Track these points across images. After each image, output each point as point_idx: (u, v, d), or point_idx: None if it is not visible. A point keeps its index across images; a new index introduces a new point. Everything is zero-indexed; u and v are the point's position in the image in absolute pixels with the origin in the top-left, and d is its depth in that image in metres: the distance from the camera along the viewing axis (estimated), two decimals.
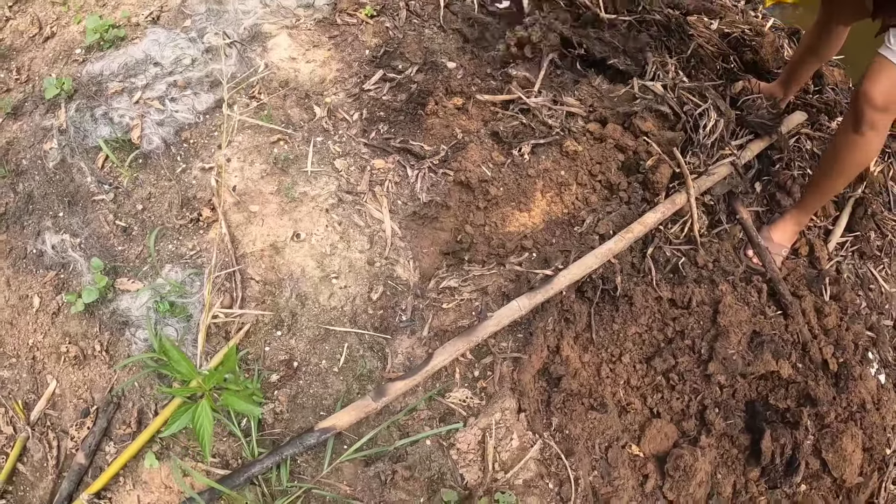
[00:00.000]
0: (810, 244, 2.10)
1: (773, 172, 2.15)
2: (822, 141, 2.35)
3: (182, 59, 2.02)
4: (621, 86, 1.97)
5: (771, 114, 1.98)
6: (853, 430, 1.85)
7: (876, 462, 1.77)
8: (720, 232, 1.93)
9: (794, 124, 2.12)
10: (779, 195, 2.14)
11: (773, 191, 2.16)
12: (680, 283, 1.81)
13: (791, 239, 2.05)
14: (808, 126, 2.30)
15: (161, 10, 2.21)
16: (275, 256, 1.77)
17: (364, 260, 1.75)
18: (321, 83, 1.93)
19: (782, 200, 2.13)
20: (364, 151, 1.83)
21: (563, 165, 1.82)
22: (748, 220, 1.90)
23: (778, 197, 2.14)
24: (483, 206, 1.78)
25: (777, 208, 2.15)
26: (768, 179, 2.15)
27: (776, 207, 2.14)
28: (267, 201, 1.80)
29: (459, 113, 1.85)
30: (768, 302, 1.92)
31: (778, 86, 2.29)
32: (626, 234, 1.69)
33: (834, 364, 1.92)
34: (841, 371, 1.91)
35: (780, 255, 2.01)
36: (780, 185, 2.16)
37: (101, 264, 1.85)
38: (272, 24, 2.01)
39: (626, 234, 1.69)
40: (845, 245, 2.27)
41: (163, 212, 1.89)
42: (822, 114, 2.36)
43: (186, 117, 1.93)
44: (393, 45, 1.96)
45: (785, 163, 2.16)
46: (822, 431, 1.79)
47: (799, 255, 2.10)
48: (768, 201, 2.14)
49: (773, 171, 2.16)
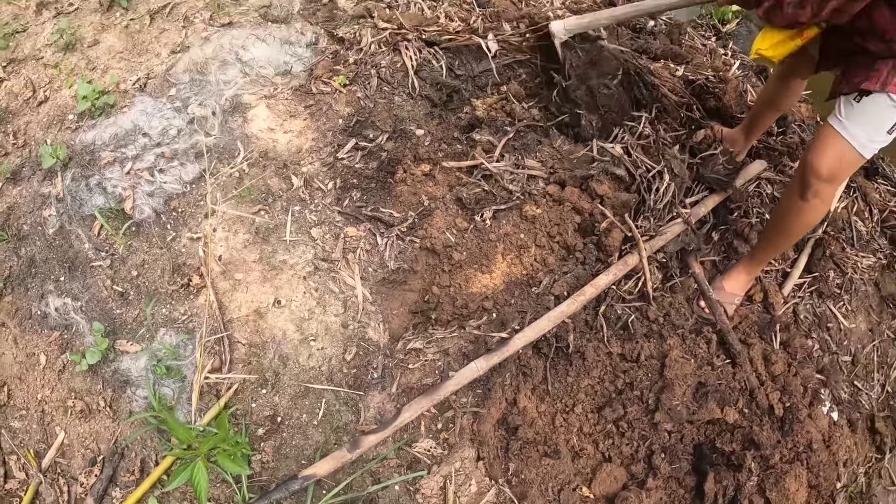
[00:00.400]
0: (764, 290, 2.45)
1: (731, 221, 2.48)
2: (782, 185, 2.69)
3: (168, 129, 2.41)
4: (581, 146, 2.31)
5: (727, 169, 2.33)
6: (798, 470, 2.23)
7: (823, 497, 2.16)
8: (674, 285, 2.29)
9: (752, 175, 2.47)
10: (736, 242, 2.51)
11: (731, 239, 2.51)
12: (630, 339, 2.19)
13: (743, 288, 2.40)
14: (771, 169, 2.62)
15: (147, 76, 2.60)
16: (259, 321, 2.16)
17: (339, 323, 2.14)
18: (298, 153, 2.31)
19: (740, 248, 2.50)
20: (338, 219, 2.22)
21: (523, 229, 2.20)
22: (700, 275, 2.26)
23: (735, 244, 2.51)
24: (448, 269, 2.17)
25: (735, 255, 2.51)
26: (726, 228, 2.48)
27: (734, 255, 2.49)
28: (250, 269, 2.19)
29: (426, 179, 2.23)
30: (717, 351, 2.30)
31: (740, 132, 2.63)
32: (578, 297, 2.07)
33: (780, 408, 2.30)
34: (786, 415, 2.29)
35: (733, 304, 2.37)
36: (737, 232, 2.52)
37: (101, 328, 2.30)
38: (252, 95, 2.39)
39: (578, 297, 2.07)
40: (803, 286, 2.59)
41: (156, 278, 2.30)
42: (785, 156, 2.69)
43: (174, 188, 2.33)
44: (364, 114, 2.33)
45: (743, 211, 2.49)
46: (767, 472, 2.17)
47: (753, 302, 2.45)
48: (726, 249, 2.49)
49: (731, 219, 2.48)
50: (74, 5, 3.18)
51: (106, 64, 2.92)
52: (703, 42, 3.17)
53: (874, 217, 3.05)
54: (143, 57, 2.87)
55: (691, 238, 2.33)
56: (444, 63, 2.55)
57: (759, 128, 2.68)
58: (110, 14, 3.10)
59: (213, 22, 2.85)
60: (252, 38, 2.69)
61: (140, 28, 2.99)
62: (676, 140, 2.60)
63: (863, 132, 1.83)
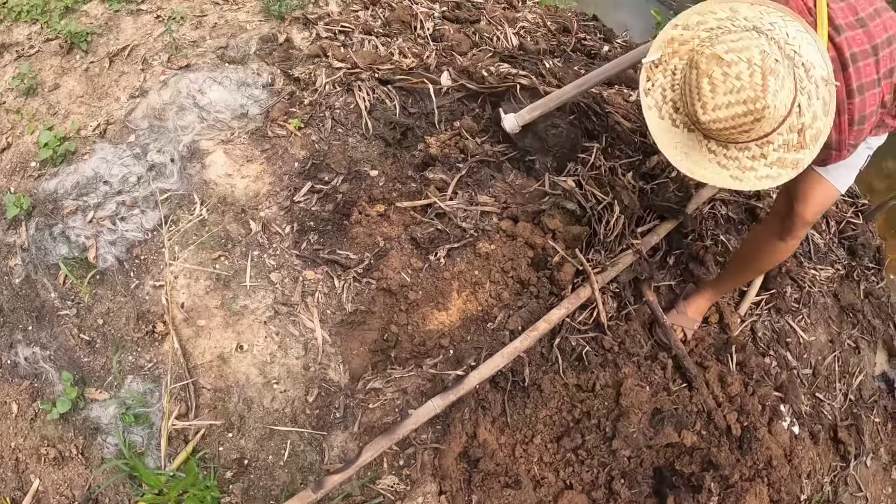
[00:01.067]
0: (720, 311, 2.53)
1: (686, 245, 2.57)
2: (737, 205, 2.77)
3: (128, 177, 2.48)
4: (534, 181, 2.39)
5: (678, 196, 2.40)
6: (758, 487, 2.33)
7: None
8: (628, 313, 2.37)
9: (703, 200, 2.54)
10: (692, 266, 2.59)
11: (687, 262, 2.58)
12: (585, 370, 2.27)
13: (703, 312, 2.48)
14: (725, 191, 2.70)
15: (107, 122, 2.67)
16: (223, 366, 2.25)
17: (300, 366, 2.23)
18: (255, 197, 2.38)
19: (695, 270, 2.58)
20: (296, 263, 2.29)
21: (477, 265, 2.28)
22: (654, 302, 2.35)
23: (692, 268, 2.59)
24: (405, 308, 2.25)
25: (691, 278, 2.58)
26: (681, 252, 2.57)
27: (689, 278, 2.57)
28: (212, 315, 2.27)
29: (382, 220, 2.31)
30: (674, 376, 2.39)
31: None
32: (531, 333, 2.16)
33: (737, 429, 2.39)
34: (744, 434, 2.39)
35: (692, 329, 2.44)
36: (692, 256, 2.60)
37: (70, 377, 2.37)
38: (209, 140, 2.46)
39: (531, 333, 2.16)
40: (760, 304, 2.69)
41: (121, 325, 2.37)
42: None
43: (136, 235, 2.40)
44: (319, 157, 2.41)
45: (697, 234, 2.58)
46: (728, 491, 2.26)
47: (709, 323, 2.54)
48: (682, 273, 2.57)
49: (686, 243, 2.57)
50: (35, 48, 3.24)
51: (67, 109, 2.98)
52: None
53: (831, 229, 3.15)
54: (103, 101, 2.93)
55: (643, 267, 2.41)
56: (397, 102, 2.63)
57: None
58: (70, 57, 3.15)
59: (171, 65, 2.91)
60: (209, 80, 2.75)
61: (100, 71, 3.05)
62: (630, 166, 2.68)
63: (844, 172, 1.94)
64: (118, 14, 3.28)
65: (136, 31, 3.18)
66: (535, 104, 2.45)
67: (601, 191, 2.46)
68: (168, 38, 3.05)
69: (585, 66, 3.01)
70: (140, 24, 3.23)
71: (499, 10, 3.16)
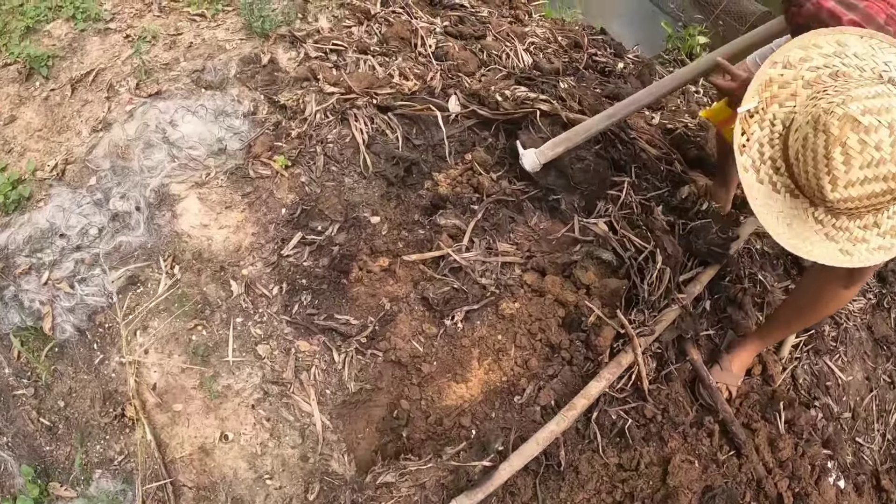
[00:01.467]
0: (763, 361, 1.99)
1: (724, 287, 1.99)
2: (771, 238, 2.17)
3: (88, 228, 1.87)
4: (560, 224, 1.79)
5: (721, 238, 1.81)
6: None
7: None
8: (668, 374, 1.80)
9: (745, 238, 1.95)
10: (730, 310, 2.07)
11: (725, 306, 2.02)
12: (627, 447, 1.71)
13: (748, 366, 1.96)
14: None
15: (66, 160, 2.06)
16: (205, 459, 1.66)
17: (297, 456, 1.63)
18: (236, 252, 1.78)
19: (734, 315, 2.05)
20: (287, 332, 1.70)
21: (500, 329, 1.71)
22: (699, 362, 1.84)
23: (730, 312, 2.01)
24: (417, 381, 1.69)
25: (730, 324, 2.02)
26: (719, 296, 1.99)
27: (728, 324, 2.00)
28: (190, 398, 1.68)
29: (386, 276, 1.73)
30: (721, 442, 1.84)
31: (718, 188, 2.15)
32: (568, 412, 1.65)
33: (789, 497, 1.91)
34: (796, 502, 1.79)
35: (736, 385, 1.91)
36: (731, 299, 2.07)
37: (30, 471, 1.96)
38: (180, 183, 1.87)
39: (568, 412, 1.65)
40: (800, 346, 2.12)
41: (86, 408, 1.80)
42: None
43: (97, 300, 1.81)
44: (311, 202, 1.81)
45: (735, 275, 2.00)
46: None
47: (752, 375, 1.99)
48: (720, 320, 2.00)
49: (724, 285, 1.99)
50: None
51: (23, 145, 2.32)
52: None
53: None
54: (63, 136, 2.28)
55: (688, 323, 1.82)
56: (399, 132, 2.02)
57: (733, 180, 2.18)
58: (29, 84, 2.48)
59: (139, 91, 2.26)
60: (182, 110, 2.11)
61: (61, 100, 2.38)
62: (659, 199, 2.10)
63: None
64: (84, 34, 2.61)
65: (103, 54, 2.51)
66: (559, 139, 1.86)
67: (636, 233, 1.88)
68: (137, 60, 2.35)
69: (600, 84, 2.41)
70: (108, 44, 2.56)
71: (505, 24, 2.54)
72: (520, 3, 2.87)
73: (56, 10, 2.79)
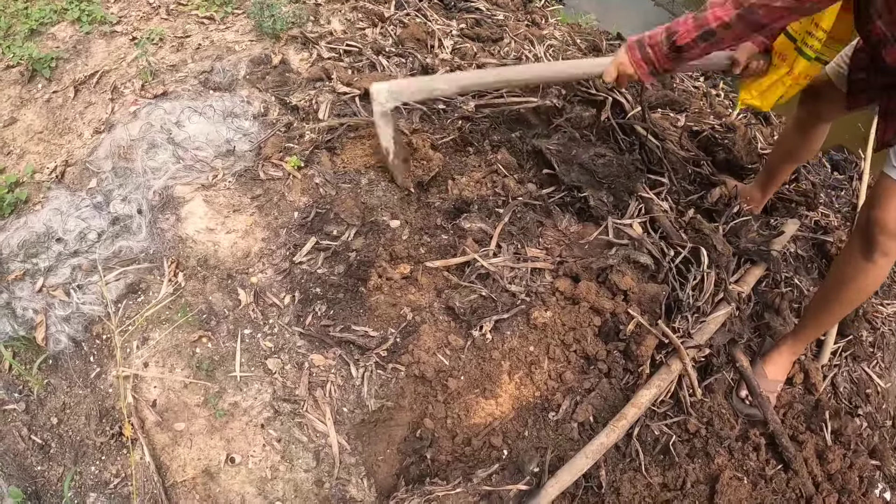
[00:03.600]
0: (804, 369, 1.77)
1: (760, 293, 1.77)
2: (805, 241, 1.97)
3: (87, 233, 1.64)
4: (592, 226, 1.56)
5: (762, 235, 1.59)
6: None
7: None
8: (709, 384, 1.55)
9: (787, 238, 1.74)
10: (768, 317, 1.84)
11: (762, 312, 1.78)
12: (672, 465, 1.46)
13: (786, 371, 1.74)
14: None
15: (67, 163, 1.83)
16: (209, 483, 1.40)
17: (311, 481, 1.39)
18: (245, 258, 1.54)
19: (772, 322, 1.80)
20: (300, 344, 1.46)
21: (532, 340, 1.48)
22: (748, 369, 1.63)
23: (767, 318, 1.81)
24: (443, 398, 1.42)
25: (767, 331, 1.78)
26: (756, 301, 1.77)
27: (766, 331, 1.78)
28: (193, 416, 1.43)
29: (408, 285, 1.50)
30: (768, 455, 1.60)
31: (755, 188, 1.95)
32: (618, 423, 1.45)
33: None
34: None
35: (775, 392, 1.68)
36: (768, 305, 1.83)
37: (19, 493, 1.59)
38: (186, 185, 1.64)
39: (618, 423, 1.45)
40: (839, 352, 1.91)
41: (80, 426, 1.54)
42: (801, 206, 1.97)
43: (94, 309, 1.57)
44: (325, 204, 1.58)
45: (772, 279, 1.77)
46: None
47: (793, 384, 1.77)
48: (757, 326, 1.77)
49: (760, 290, 1.77)
50: None
51: (23, 147, 2.09)
52: (693, 84, 2.43)
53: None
54: (64, 138, 2.05)
55: (738, 326, 1.59)
56: None
57: (777, 182, 2.00)
58: (31, 86, 2.25)
59: (144, 92, 2.04)
60: (188, 111, 1.89)
61: (63, 102, 2.15)
62: (689, 203, 1.87)
63: None
64: (89, 37, 2.39)
65: (108, 56, 2.29)
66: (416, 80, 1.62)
67: (676, 236, 1.62)
68: (143, 61, 2.13)
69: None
70: (113, 47, 2.33)
71: (522, 27, 2.32)
72: (535, 8, 2.68)
73: (61, 13, 2.58)
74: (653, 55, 1.43)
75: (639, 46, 1.45)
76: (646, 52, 1.44)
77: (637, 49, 1.45)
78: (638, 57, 1.44)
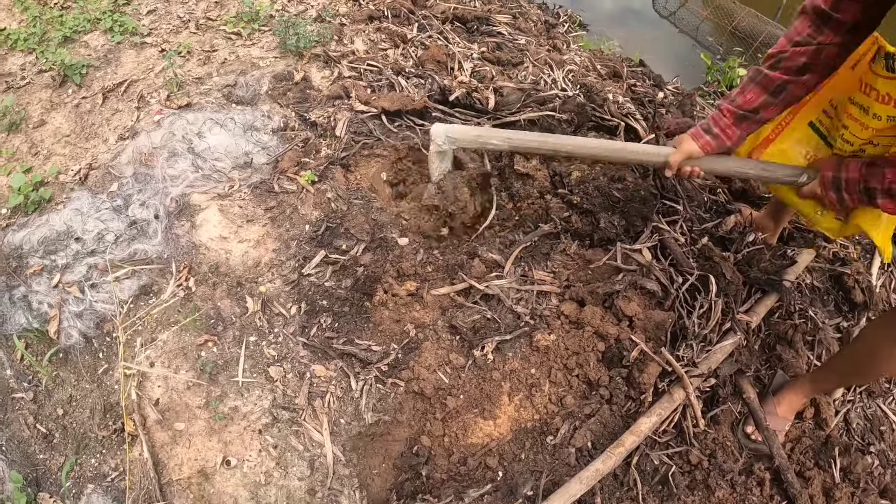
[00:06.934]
0: (815, 404, 1.81)
1: (772, 323, 1.81)
2: (822, 273, 2.01)
3: (104, 234, 1.75)
4: (601, 251, 1.63)
5: (774, 265, 1.63)
6: None
7: None
8: (715, 415, 1.59)
9: (801, 269, 1.78)
10: (780, 348, 1.85)
11: (774, 343, 1.82)
12: (670, 496, 1.50)
13: (797, 411, 1.72)
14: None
15: (90, 166, 1.96)
16: (204, 484, 1.47)
17: (304, 489, 1.45)
18: (255, 267, 1.63)
19: (784, 354, 1.83)
20: (303, 354, 1.54)
21: (534, 362, 1.53)
22: (755, 402, 1.65)
23: (779, 350, 1.83)
24: (441, 416, 1.47)
25: (779, 363, 1.83)
26: (767, 332, 1.81)
27: (777, 363, 1.81)
28: (194, 417, 1.50)
29: (413, 302, 1.57)
30: (772, 491, 1.65)
31: (767, 217, 1.98)
32: (615, 450, 1.47)
33: None
34: None
35: (784, 429, 1.70)
36: (780, 336, 1.85)
37: (20, 479, 1.69)
38: (202, 194, 1.74)
39: (615, 450, 1.47)
40: (853, 387, 1.94)
41: (85, 419, 1.66)
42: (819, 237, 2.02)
43: (107, 308, 1.67)
44: (336, 220, 1.67)
45: (784, 310, 1.82)
46: None
47: (804, 419, 1.81)
48: (768, 358, 1.81)
49: (772, 321, 1.81)
50: (27, 79, 2.51)
51: (49, 149, 2.24)
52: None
53: None
54: (90, 142, 2.19)
55: (746, 357, 1.63)
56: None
57: (787, 211, 2.03)
58: (62, 91, 2.42)
59: (170, 103, 2.18)
60: (210, 122, 2.01)
61: (91, 108, 2.31)
62: (704, 231, 1.93)
63: None
64: (120, 46, 2.56)
65: (137, 66, 2.45)
66: (473, 129, 1.72)
67: (685, 262, 1.68)
68: (170, 73, 2.29)
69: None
70: (143, 57, 2.50)
71: (543, 52, 2.43)
72: (558, 34, 2.80)
73: (95, 22, 2.77)
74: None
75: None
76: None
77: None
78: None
